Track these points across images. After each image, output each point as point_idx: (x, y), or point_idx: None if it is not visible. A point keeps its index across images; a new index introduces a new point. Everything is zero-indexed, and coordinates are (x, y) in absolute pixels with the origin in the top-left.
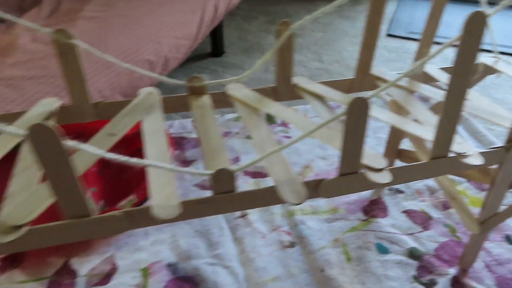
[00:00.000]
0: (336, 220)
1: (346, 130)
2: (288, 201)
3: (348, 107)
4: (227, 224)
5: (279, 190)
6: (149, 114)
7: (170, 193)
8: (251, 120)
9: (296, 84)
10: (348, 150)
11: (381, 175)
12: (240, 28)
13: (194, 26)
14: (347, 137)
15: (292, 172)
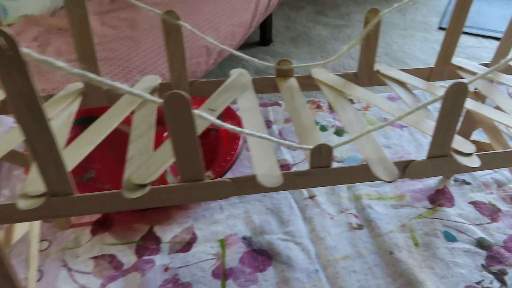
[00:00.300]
0: (403, 206)
1: (441, 114)
2: (381, 178)
3: (447, 91)
4: (296, 204)
5: (372, 168)
6: (243, 93)
7: (272, 165)
8: (338, 102)
9: (378, 70)
10: (440, 133)
11: (470, 160)
12: (288, 18)
13: (249, 14)
14: (442, 121)
15: (383, 152)
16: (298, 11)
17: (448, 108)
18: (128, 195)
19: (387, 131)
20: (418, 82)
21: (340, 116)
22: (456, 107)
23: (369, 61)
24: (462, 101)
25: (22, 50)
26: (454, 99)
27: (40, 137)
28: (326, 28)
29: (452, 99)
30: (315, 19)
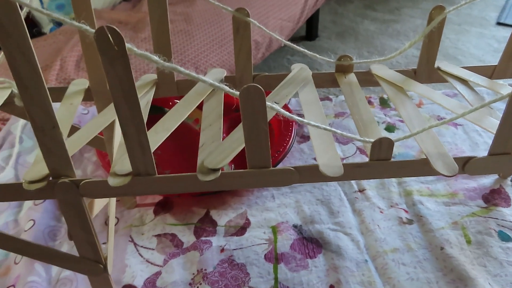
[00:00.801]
0: (455, 204)
1: (507, 111)
2: (441, 173)
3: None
4: (345, 196)
5: (432, 162)
6: (305, 87)
7: (333, 155)
8: (397, 98)
9: (439, 67)
10: (504, 130)
11: None
12: (335, 12)
13: (299, 8)
14: (507, 118)
15: (443, 147)
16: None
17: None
18: (202, 178)
19: (441, 129)
20: (480, 80)
21: (400, 112)
22: None
23: (430, 58)
24: None
25: (126, 46)
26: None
27: (132, 122)
28: (374, 23)
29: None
30: (363, 14)
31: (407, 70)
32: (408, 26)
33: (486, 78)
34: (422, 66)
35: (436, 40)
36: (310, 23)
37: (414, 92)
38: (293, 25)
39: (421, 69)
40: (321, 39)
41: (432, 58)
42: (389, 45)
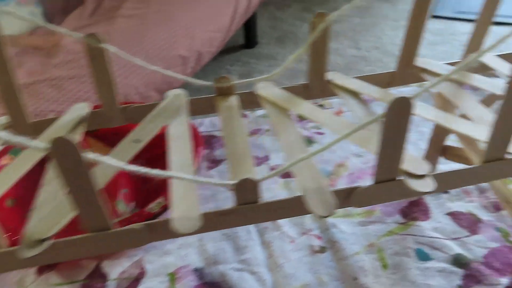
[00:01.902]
0: (371, 223)
1: (384, 134)
2: (315, 213)
3: (387, 109)
4: (255, 227)
5: (307, 200)
6: (176, 118)
7: (191, 204)
8: (280, 121)
9: (330, 80)
10: (386, 155)
11: (423, 183)
12: (274, 17)
13: (227, 18)
14: (386, 142)
15: (321, 180)
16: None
17: (391, 128)
18: (22, 254)
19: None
20: (375, 91)
21: (280, 137)
22: (400, 126)
23: (319, 71)
24: (406, 119)
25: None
26: (397, 118)
27: None
28: None
29: (394, 118)
30: (302, 17)
31: (297, 86)
32: (346, 26)
33: (380, 89)
34: (312, 80)
35: (322, 50)
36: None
37: (297, 112)
38: (223, 35)
39: (312, 83)
40: (261, 46)
41: (320, 70)
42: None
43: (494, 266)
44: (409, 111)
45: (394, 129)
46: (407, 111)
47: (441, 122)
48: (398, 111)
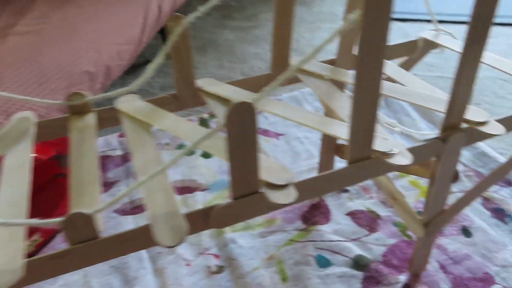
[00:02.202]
0: (272, 233)
1: (230, 143)
2: (162, 244)
3: (226, 116)
4: (147, 253)
5: (154, 229)
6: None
7: (14, 251)
8: (137, 138)
9: (200, 88)
10: (239, 165)
11: (284, 194)
12: (193, 26)
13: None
14: (234, 153)
15: (174, 203)
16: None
17: (235, 137)
18: None
19: (261, 143)
20: (246, 96)
21: (134, 156)
22: (245, 133)
23: (187, 78)
24: (251, 125)
25: None
26: (239, 125)
27: None
28: (234, 31)
29: (236, 126)
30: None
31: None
32: (266, 31)
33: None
34: (180, 89)
35: (185, 56)
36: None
37: (158, 126)
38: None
39: (181, 92)
40: None
41: (189, 77)
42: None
43: (393, 263)
44: (252, 116)
45: (239, 137)
46: (249, 116)
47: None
48: (239, 117)
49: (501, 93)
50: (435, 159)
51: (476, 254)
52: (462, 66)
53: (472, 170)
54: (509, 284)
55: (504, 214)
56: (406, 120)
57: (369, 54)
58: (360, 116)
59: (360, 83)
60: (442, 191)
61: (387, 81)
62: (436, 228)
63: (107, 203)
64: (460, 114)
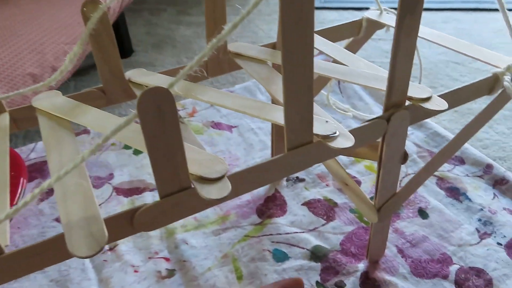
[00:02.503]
0: (226, 230)
1: (146, 136)
2: (75, 255)
3: (137, 104)
4: (91, 262)
5: (68, 238)
6: None
7: None
8: (54, 137)
9: (130, 79)
10: (162, 161)
11: (218, 188)
12: (149, 23)
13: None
14: (153, 145)
15: (93, 206)
16: (159, 14)
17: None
18: None
19: (214, 137)
20: (180, 86)
21: (50, 160)
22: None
23: (113, 69)
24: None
25: None
26: (156, 113)
27: None
28: (190, 27)
29: (152, 114)
30: (178, 20)
31: (93, 91)
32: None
33: (189, 82)
34: (107, 82)
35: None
36: (120, 39)
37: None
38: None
39: (108, 85)
40: (137, 53)
41: (115, 68)
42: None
43: (351, 251)
44: (170, 102)
45: (156, 126)
46: (166, 103)
47: (240, 109)
48: (153, 104)
49: (455, 75)
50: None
51: (433, 235)
52: (397, 40)
53: (425, 150)
54: (466, 263)
55: (458, 193)
56: (360, 105)
57: (296, 27)
58: (294, 98)
59: (288, 61)
60: (392, 173)
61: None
62: (389, 212)
63: (8, 213)
64: (402, 91)
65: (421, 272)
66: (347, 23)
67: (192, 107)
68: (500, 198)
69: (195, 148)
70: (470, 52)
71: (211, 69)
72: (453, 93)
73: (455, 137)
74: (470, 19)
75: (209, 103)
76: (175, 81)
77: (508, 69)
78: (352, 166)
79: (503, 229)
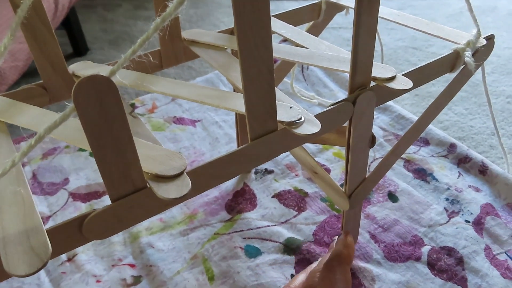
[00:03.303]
0: (194, 229)
1: (87, 132)
2: (12, 273)
3: (73, 96)
4: (47, 276)
5: (1, 256)
6: None
7: None
8: None
9: (74, 73)
10: (110, 160)
11: (176, 186)
12: (104, 19)
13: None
14: (96, 142)
15: (34, 216)
16: (114, 10)
17: (92, 121)
18: None
19: (177, 132)
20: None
21: None
22: (107, 115)
23: (54, 63)
24: (115, 104)
25: None
26: (97, 105)
27: None
28: (148, 22)
29: (92, 107)
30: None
31: (31, 89)
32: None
33: (141, 74)
34: (48, 78)
35: (46, 35)
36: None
37: (16, 124)
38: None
39: (49, 81)
40: (93, 51)
41: (57, 63)
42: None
43: (324, 241)
44: (113, 93)
45: (98, 120)
46: (109, 94)
47: (196, 99)
48: (91, 95)
49: (414, 60)
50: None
51: (404, 218)
52: (358, 18)
53: (392, 133)
54: (437, 243)
55: (425, 174)
56: (325, 92)
57: (249, 2)
58: (253, 83)
59: (244, 42)
60: (360, 158)
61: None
62: (361, 198)
63: None
64: (366, 72)
65: (394, 256)
66: (306, 6)
67: (152, 102)
68: (465, 176)
69: (149, 143)
70: (430, 30)
71: (165, 59)
72: (416, 72)
73: (419, 118)
74: (424, 5)
75: (162, 94)
76: (116, 67)
77: (468, 44)
78: (320, 154)
79: (470, 207)
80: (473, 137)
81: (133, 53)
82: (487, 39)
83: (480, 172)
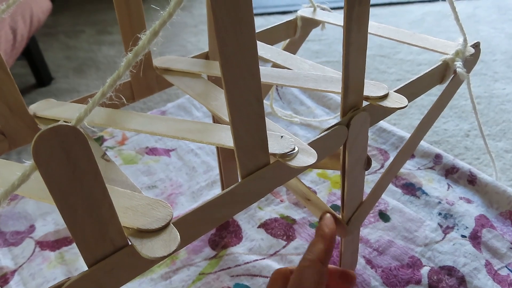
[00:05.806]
0: (177, 271)
1: (54, 195)
2: None
3: (32, 153)
4: None
5: None
6: None
7: None
8: None
9: (35, 114)
10: (81, 222)
11: (162, 241)
12: (66, 47)
13: None
14: (65, 205)
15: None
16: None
17: (58, 179)
18: None
19: (150, 164)
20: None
21: None
22: (76, 169)
23: (13, 105)
24: (84, 156)
25: None
26: (64, 163)
27: None
28: (113, 46)
29: (56, 163)
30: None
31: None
32: None
33: (103, 108)
34: (6, 123)
35: (1, 74)
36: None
37: None
38: None
39: (7, 127)
40: (57, 80)
41: (16, 105)
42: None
43: None
44: (81, 143)
45: (64, 178)
46: (75, 145)
47: (175, 135)
48: (56, 150)
49: (382, 68)
50: (342, 148)
51: (398, 238)
52: (348, 35)
53: (375, 148)
54: (435, 263)
55: (414, 188)
56: (302, 109)
57: (234, 29)
58: (241, 115)
59: (230, 72)
60: (357, 182)
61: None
62: (358, 223)
63: None
64: (358, 91)
65: (393, 282)
66: (281, 23)
67: (122, 133)
68: (454, 187)
69: (127, 191)
70: (415, 41)
71: (137, 90)
72: (407, 87)
73: (412, 134)
74: (387, 13)
75: (137, 132)
76: (83, 115)
77: (457, 54)
78: (304, 176)
79: (464, 220)
80: (448, 140)
81: (102, 96)
82: (474, 46)
83: (469, 182)
